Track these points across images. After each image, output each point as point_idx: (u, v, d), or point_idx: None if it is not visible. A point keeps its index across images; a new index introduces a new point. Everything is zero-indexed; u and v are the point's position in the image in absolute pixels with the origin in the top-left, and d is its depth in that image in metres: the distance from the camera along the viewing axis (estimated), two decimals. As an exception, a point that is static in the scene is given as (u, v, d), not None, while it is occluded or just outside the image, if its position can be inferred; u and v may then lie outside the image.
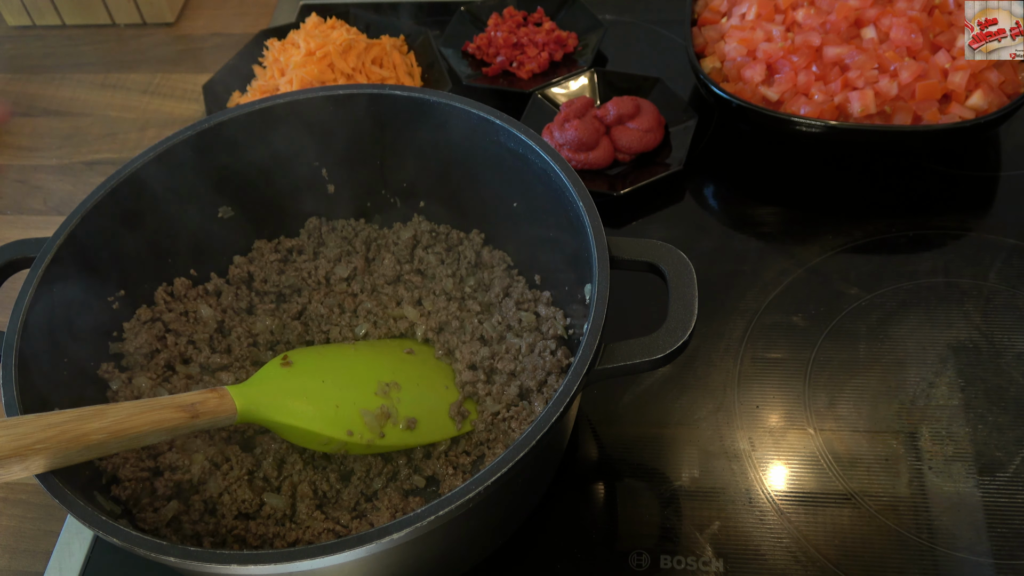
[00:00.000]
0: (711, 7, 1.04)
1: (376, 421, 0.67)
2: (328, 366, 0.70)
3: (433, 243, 0.83)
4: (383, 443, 0.67)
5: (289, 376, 0.66)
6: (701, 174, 0.97)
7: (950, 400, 0.76)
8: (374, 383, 0.69)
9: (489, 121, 0.72)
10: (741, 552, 0.69)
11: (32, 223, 1.04)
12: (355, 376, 0.70)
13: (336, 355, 0.73)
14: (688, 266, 0.64)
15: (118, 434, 0.51)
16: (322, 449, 0.66)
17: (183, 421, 0.56)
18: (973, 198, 0.92)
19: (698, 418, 0.77)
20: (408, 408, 0.69)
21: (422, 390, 0.71)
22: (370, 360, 0.73)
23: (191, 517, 0.66)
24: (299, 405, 0.65)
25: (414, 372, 0.72)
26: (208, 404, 0.59)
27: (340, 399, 0.67)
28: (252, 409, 0.62)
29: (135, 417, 0.53)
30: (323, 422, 0.65)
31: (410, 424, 0.68)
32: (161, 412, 0.55)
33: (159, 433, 0.55)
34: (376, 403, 0.68)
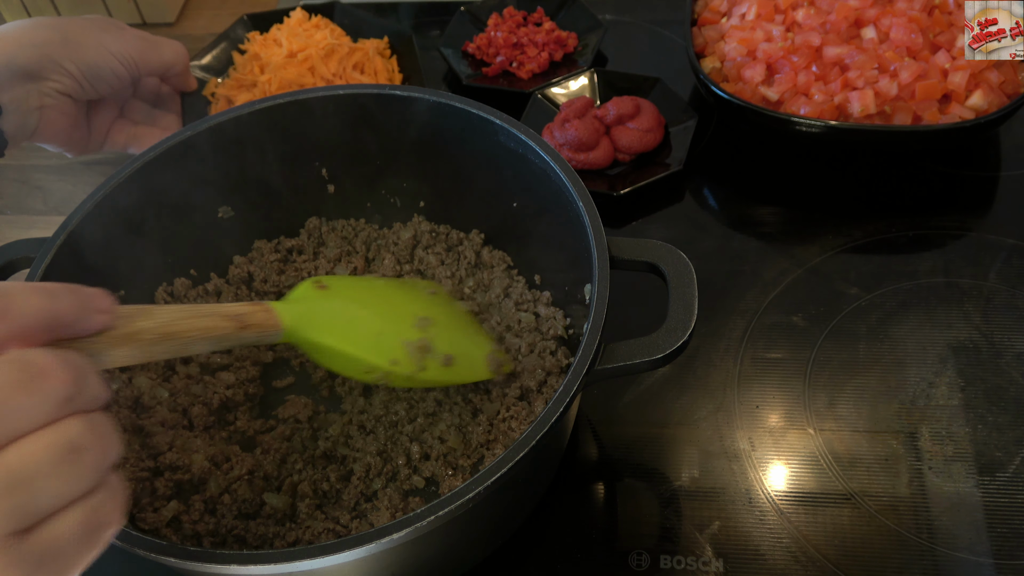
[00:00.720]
0: (711, 7, 1.04)
1: (418, 352, 0.65)
2: (365, 294, 0.69)
3: (433, 243, 0.83)
4: (424, 376, 0.65)
5: (329, 298, 0.64)
6: (701, 174, 0.97)
7: (950, 400, 0.76)
8: (411, 316, 0.68)
9: (489, 121, 0.72)
10: (741, 552, 0.69)
11: (32, 223, 1.04)
12: (393, 306, 0.69)
13: (370, 285, 0.72)
14: (688, 266, 0.64)
15: (168, 336, 0.49)
16: (363, 378, 0.64)
17: (231, 331, 0.54)
18: (973, 198, 0.92)
19: (698, 418, 0.77)
20: (444, 345, 0.68)
21: (452, 330, 0.71)
22: (402, 294, 0.72)
23: (191, 517, 0.66)
24: (344, 328, 0.63)
25: (443, 311, 0.72)
26: (256, 316, 0.56)
27: (382, 327, 0.65)
28: (298, 327, 0.60)
29: (184, 321, 0.50)
30: (368, 348, 0.63)
31: (447, 361, 0.67)
32: (211, 319, 0.52)
33: (208, 341, 0.52)
34: (416, 335, 0.66)
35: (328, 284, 0.66)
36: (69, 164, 1.10)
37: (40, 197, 1.07)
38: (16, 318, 0.38)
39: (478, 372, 0.70)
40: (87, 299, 0.42)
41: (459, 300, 0.76)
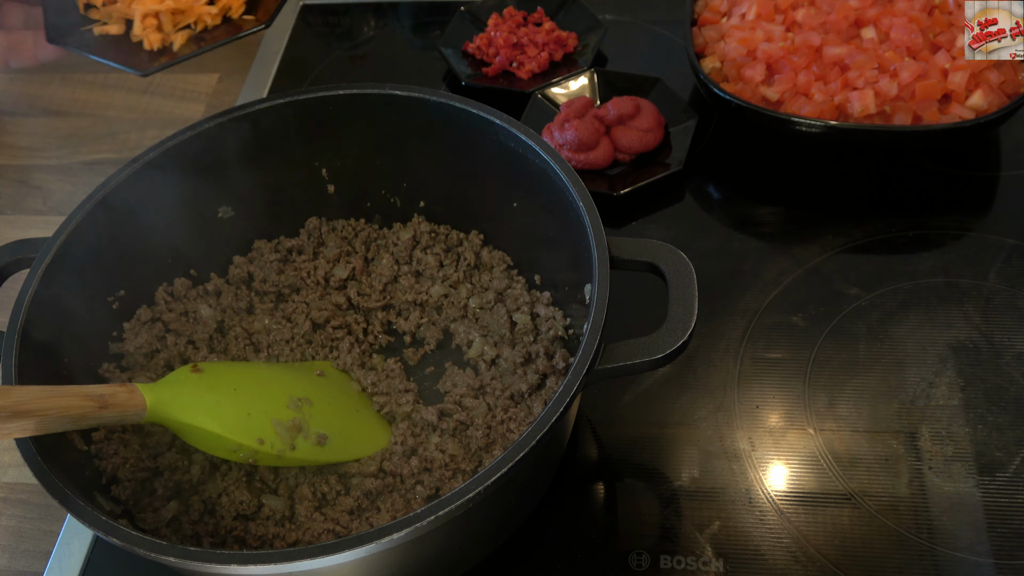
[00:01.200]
0: (711, 7, 1.04)
1: (287, 432, 0.66)
2: (239, 378, 0.69)
3: (432, 243, 0.83)
4: (293, 455, 0.66)
5: (199, 382, 0.65)
6: (701, 174, 0.97)
7: (950, 400, 0.76)
8: (285, 397, 0.69)
9: (489, 121, 0.72)
10: (741, 552, 0.69)
11: (32, 223, 1.04)
12: (266, 389, 0.69)
13: (248, 369, 0.73)
14: (688, 266, 0.64)
15: (22, 414, 0.51)
16: (230, 457, 0.65)
17: (90, 410, 0.55)
18: (973, 198, 0.92)
19: (698, 418, 0.77)
20: (319, 424, 0.68)
21: (333, 409, 0.71)
22: (282, 377, 0.72)
23: (191, 517, 0.66)
24: (209, 408, 0.64)
25: (325, 392, 0.72)
26: (117, 397, 0.58)
27: (251, 407, 0.66)
28: (161, 408, 0.61)
29: (40, 400, 0.52)
30: (233, 427, 0.64)
31: (321, 440, 0.67)
32: (68, 399, 0.54)
33: (65, 420, 0.54)
34: (288, 415, 0.67)
35: (204, 368, 0.67)
36: (69, 164, 1.10)
37: (40, 197, 1.07)
38: None
39: (359, 449, 0.70)
40: None
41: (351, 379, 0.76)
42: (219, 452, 0.65)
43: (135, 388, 0.60)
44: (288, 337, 0.78)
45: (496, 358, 0.75)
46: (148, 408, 0.60)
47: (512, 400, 0.71)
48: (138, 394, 0.60)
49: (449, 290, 0.80)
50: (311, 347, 0.77)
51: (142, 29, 0.90)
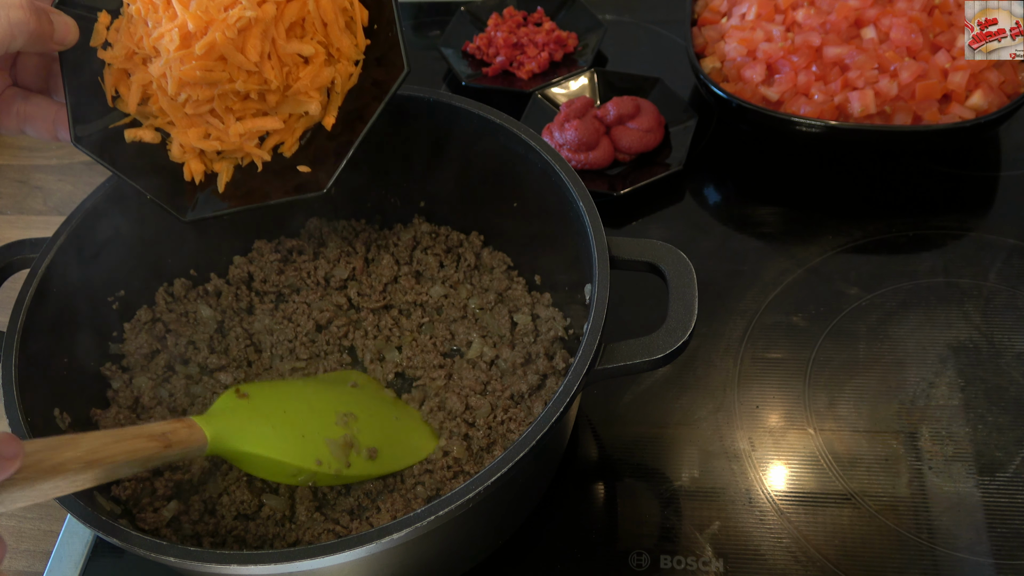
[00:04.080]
0: (711, 7, 1.04)
1: (342, 451, 0.65)
2: (285, 399, 0.69)
3: (432, 244, 0.83)
4: (350, 473, 0.65)
5: (251, 408, 0.65)
6: (701, 174, 0.97)
7: (950, 400, 0.76)
8: (333, 414, 0.68)
9: (489, 121, 0.72)
10: (741, 552, 0.69)
11: (32, 223, 1.04)
12: (314, 408, 0.69)
13: (289, 388, 0.72)
14: (688, 266, 0.64)
15: (93, 463, 0.50)
16: (290, 481, 0.65)
17: (156, 451, 0.55)
18: (973, 198, 0.92)
19: (698, 418, 0.77)
20: (367, 438, 0.68)
21: (376, 420, 0.70)
22: (323, 392, 0.72)
23: (191, 517, 0.66)
24: (267, 434, 0.63)
25: (365, 404, 0.71)
26: (179, 434, 0.57)
27: (304, 429, 0.65)
28: (222, 440, 0.60)
29: (109, 447, 0.51)
30: (293, 451, 0.63)
31: (372, 454, 0.67)
32: (135, 441, 0.53)
33: (134, 464, 0.53)
34: (338, 432, 0.67)
35: (248, 392, 0.66)
36: (69, 164, 1.10)
37: (40, 197, 1.07)
38: None
39: (408, 458, 0.69)
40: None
41: (382, 387, 0.75)
42: (279, 478, 0.64)
43: (193, 422, 0.59)
44: (291, 337, 0.78)
45: (496, 359, 0.75)
46: (209, 441, 0.59)
47: (512, 400, 0.71)
48: (197, 428, 0.59)
49: (449, 291, 0.80)
50: (314, 346, 0.77)
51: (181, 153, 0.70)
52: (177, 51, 0.63)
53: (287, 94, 0.67)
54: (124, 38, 0.67)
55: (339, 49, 0.68)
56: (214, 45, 0.63)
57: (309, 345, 0.77)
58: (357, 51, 0.69)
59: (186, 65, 0.64)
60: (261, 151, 0.69)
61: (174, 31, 0.63)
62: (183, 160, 0.69)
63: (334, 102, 0.69)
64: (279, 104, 0.68)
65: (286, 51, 0.66)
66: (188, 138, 0.68)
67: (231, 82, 0.65)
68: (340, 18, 0.68)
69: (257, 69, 0.65)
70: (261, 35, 0.64)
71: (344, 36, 0.68)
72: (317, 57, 0.67)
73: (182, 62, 0.64)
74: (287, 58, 0.66)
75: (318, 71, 0.67)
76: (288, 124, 0.69)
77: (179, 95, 0.65)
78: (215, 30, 0.63)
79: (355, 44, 0.69)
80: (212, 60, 0.64)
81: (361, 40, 0.69)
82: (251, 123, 0.68)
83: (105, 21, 0.67)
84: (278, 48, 0.66)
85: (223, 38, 0.63)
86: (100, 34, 0.67)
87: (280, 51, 0.66)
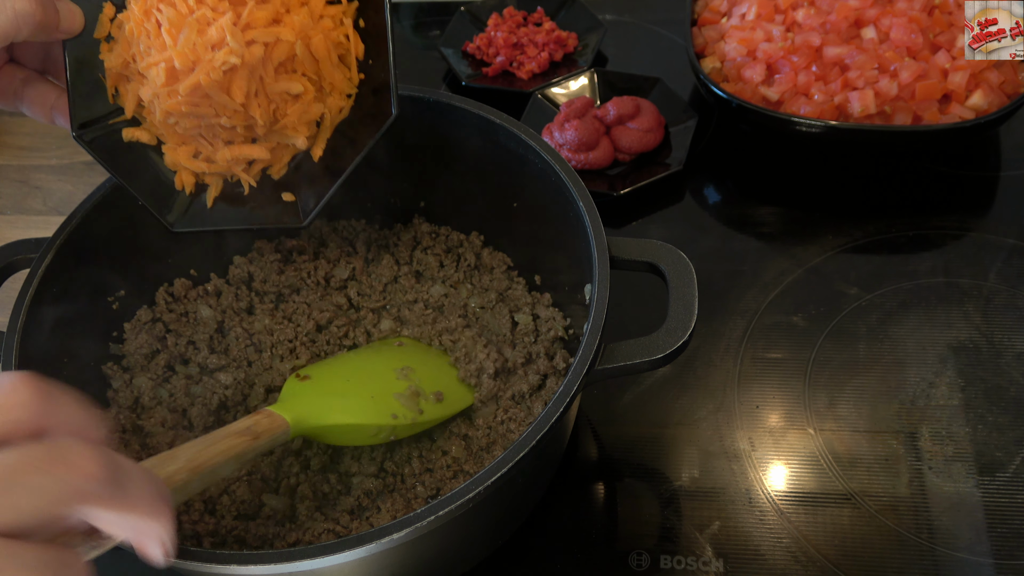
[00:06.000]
0: (711, 7, 1.04)
1: (411, 400, 0.68)
2: (343, 369, 0.72)
3: (433, 244, 0.83)
4: (424, 419, 0.68)
5: (314, 387, 0.68)
6: (701, 174, 0.97)
7: (950, 400, 0.76)
8: (391, 371, 0.71)
9: (489, 121, 0.72)
10: (741, 552, 0.69)
11: (32, 223, 1.04)
12: (372, 370, 0.72)
13: (344, 360, 0.75)
14: (688, 266, 0.64)
15: (196, 471, 0.51)
16: (373, 441, 0.67)
17: (247, 445, 0.56)
18: (973, 198, 0.92)
19: (698, 418, 0.77)
20: (429, 385, 0.70)
21: (432, 369, 0.73)
22: (376, 356, 0.75)
23: (191, 517, 0.66)
24: (339, 405, 0.66)
25: (418, 357, 0.74)
26: (262, 425, 0.59)
27: (372, 390, 0.68)
28: (300, 419, 0.62)
29: (205, 451, 0.53)
30: (368, 413, 0.66)
31: (439, 397, 0.70)
32: (226, 441, 0.55)
33: (231, 461, 0.55)
34: (403, 385, 0.69)
35: (309, 374, 0.69)
36: (69, 164, 1.10)
37: (40, 197, 1.07)
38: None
39: (465, 399, 0.72)
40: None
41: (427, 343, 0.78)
42: (361, 441, 0.67)
43: (271, 412, 0.61)
44: (291, 337, 0.78)
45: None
46: (291, 424, 0.61)
47: (512, 400, 0.71)
48: (276, 416, 0.60)
49: (449, 290, 0.80)
50: (315, 346, 0.77)
51: (174, 163, 0.69)
52: (163, 86, 0.62)
53: (274, 128, 0.66)
54: (121, 47, 0.65)
55: (331, 83, 0.67)
56: (198, 86, 0.61)
57: (309, 345, 0.77)
58: (350, 85, 0.68)
59: (172, 100, 0.63)
60: (248, 175, 0.69)
61: (161, 65, 0.61)
62: (175, 169, 0.69)
63: (323, 134, 0.68)
64: (267, 134, 0.67)
65: (274, 89, 0.64)
66: (178, 155, 0.68)
67: (217, 117, 0.64)
68: (333, 53, 0.66)
69: (243, 109, 0.64)
70: (248, 75, 0.62)
71: (337, 71, 0.67)
72: (307, 94, 0.66)
73: (168, 96, 0.63)
74: (275, 96, 0.65)
75: (307, 107, 0.66)
76: (275, 153, 0.69)
77: (167, 119, 0.65)
78: (200, 72, 0.60)
79: (348, 78, 0.68)
80: (197, 97, 0.63)
81: (355, 74, 0.68)
82: (239, 150, 0.67)
83: (109, 13, 0.65)
84: (266, 86, 0.64)
85: (207, 80, 0.61)
86: (104, 26, 0.65)
87: (268, 89, 0.64)
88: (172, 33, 0.61)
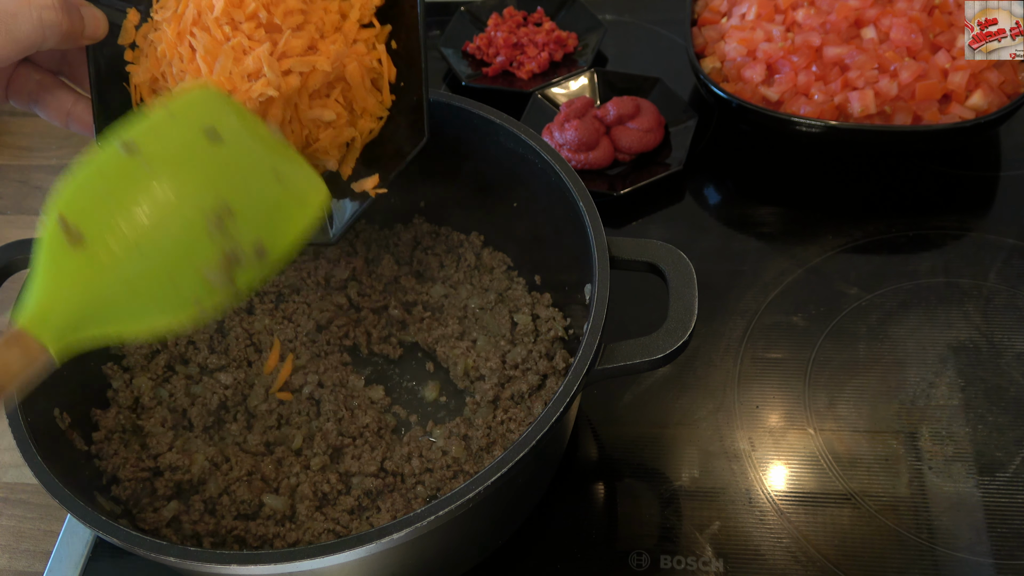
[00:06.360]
0: (711, 7, 1.04)
1: (223, 275, 0.52)
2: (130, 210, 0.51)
3: (433, 244, 0.83)
4: (240, 291, 0.54)
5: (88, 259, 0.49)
6: (701, 174, 0.97)
7: (950, 400, 0.76)
8: (201, 219, 0.51)
9: (489, 121, 0.72)
10: (741, 552, 0.69)
11: (32, 223, 1.04)
12: (175, 218, 0.51)
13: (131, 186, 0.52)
14: (688, 266, 0.64)
15: None
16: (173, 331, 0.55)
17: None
18: (973, 198, 0.92)
19: (698, 418, 0.77)
20: (248, 230, 0.53)
21: (255, 195, 0.55)
22: (180, 181, 0.52)
23: (191, 517, 0.66)
24: (126, 304, 0.50)
25: (238, 175, 0.55)
26: (9, 368, 0.46)
27: (172, 267, 0.51)
28: (65, 339, 0.48)
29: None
30: (165, 308, 0.51)
31: (259, 253, 0.54)
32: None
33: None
34: (214, 251, 0.51)
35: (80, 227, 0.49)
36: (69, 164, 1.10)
37: (40, 197, 1.07)
38: None
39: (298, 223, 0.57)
40: None
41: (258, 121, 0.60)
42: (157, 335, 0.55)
43: (21, 336, 0.47)
44: (291, 337, 0.78)
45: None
46: (53, 353, 0.48)
47: (512, 400, 0.71)
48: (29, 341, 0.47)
49: (449, 290, 0.80)
50: (315, 346, 0.77)
51: None
52: None
53: (306, 151, 0.65)
54: (150, 63, 0.63)
55: (363, 107, 0.67)
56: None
57: (309, 345, 0.77)
58: (381, 108, 0.67)
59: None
60: None
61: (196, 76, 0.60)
62: None
63: (352, 155, 0.68)
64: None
65: (308, 116, 0.64)
66: None
67: None
68: (367, 79, 0.66)
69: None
70: (283, 105, 0.62)
71: (369, 95, 0.66)
72: (339, 119, 0.65)
73: None
74: (308, 122, 0.65)
75: (339, 132, 0.65)
76: None
77: None
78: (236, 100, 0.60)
79: (380, 101, 0.67)
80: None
81: (387, 97, 0.67)
82: None
83: (134, 20, 0.64)
84: (300, 114, 0.63)
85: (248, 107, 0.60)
86: (128, 32, 0.64)
87: (302, 116, 0.64)
88: (207, 60, 0.60)
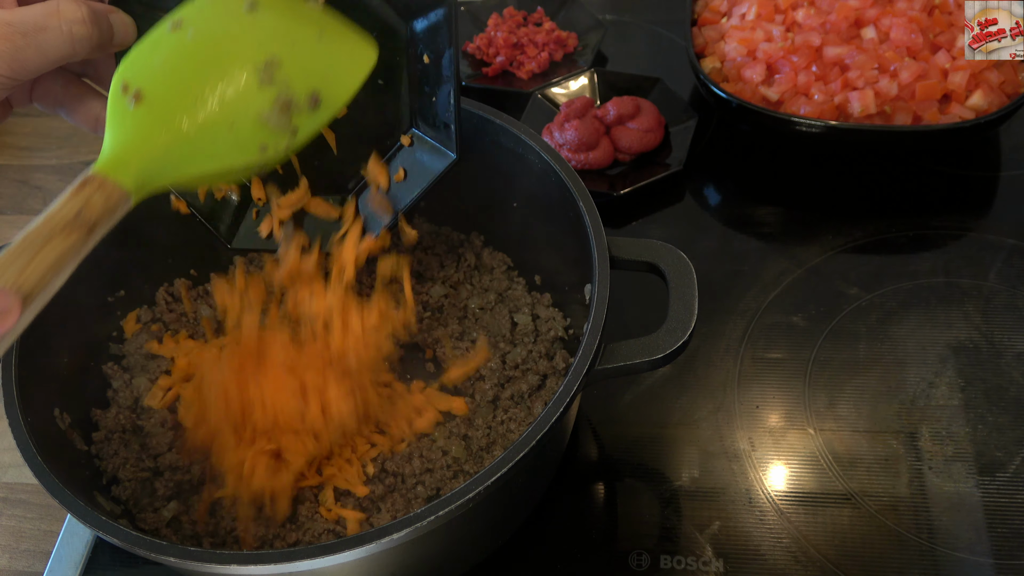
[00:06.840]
0: (711, 7, 1.04)
1: (282, 119, 0.54)
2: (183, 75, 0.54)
3: (433, 244, 0.83)
4: (301, 139, 0.56)
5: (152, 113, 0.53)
6: (701, 174, 0.97)
7: (950, 400, 0.76)
8: (252, 71, 0.54)
9: (489, 121, 0.72)
10: (741, 552, 0.69)
11: (32, 223, 1.04)
12: (225, 72, 0.54)
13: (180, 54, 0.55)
14: (688, 266, 0.64)
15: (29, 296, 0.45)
16: (243, 177, 0.56)
17: (82, 242, 0.48)
18: (973, 198, 0.92)
19: (698, 418, 0.77)
20: (301, 82, 0.55)
21: (302, 50, 0.56)
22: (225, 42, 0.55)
23: (191, 517, 0.66)
24: (192, 148, 0.52)
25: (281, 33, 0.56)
26: (95, 205, 0.49)
27: (229, 113, 0.53)
28: (144, 182, 0.51)
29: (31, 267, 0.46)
30: (231, 151, 0.53)
31: (314, 102, 0.55)
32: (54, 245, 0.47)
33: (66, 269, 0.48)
34: (269, 96, 0.54)
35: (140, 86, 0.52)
36: (69, 164, 1.11)
37: (40, 197, 1.07)
38: None
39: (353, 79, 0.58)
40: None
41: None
42: (227, 181, 0.57)
43: (104, 180, 0.49)
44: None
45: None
46: (132, 193, 0.50)
47: (512, 400, 0.71)
48: (110, 185, 0.49)
49: (449, 290, 0.80)
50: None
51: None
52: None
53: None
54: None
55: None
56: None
57: (309, 345, 0.77)
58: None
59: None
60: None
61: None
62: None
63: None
64: None
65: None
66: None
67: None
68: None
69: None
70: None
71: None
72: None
73: None
74: None
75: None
76: None
77: None
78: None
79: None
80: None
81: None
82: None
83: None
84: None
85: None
86: None
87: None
88: None
